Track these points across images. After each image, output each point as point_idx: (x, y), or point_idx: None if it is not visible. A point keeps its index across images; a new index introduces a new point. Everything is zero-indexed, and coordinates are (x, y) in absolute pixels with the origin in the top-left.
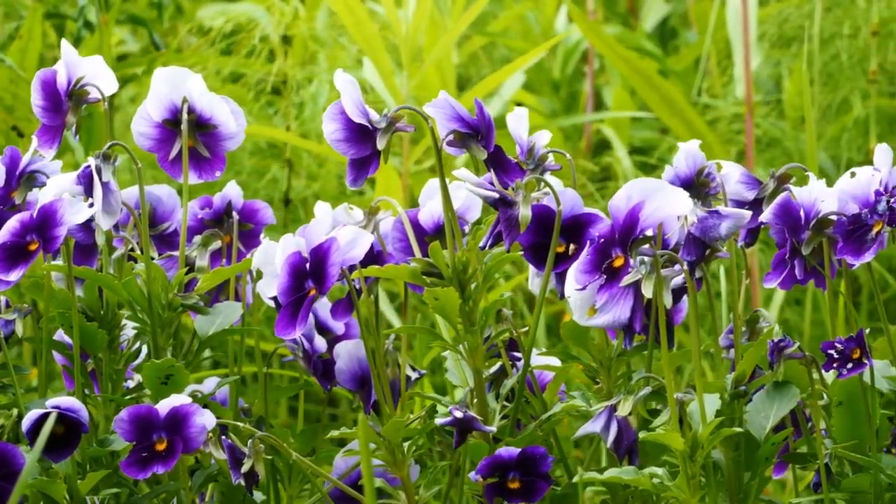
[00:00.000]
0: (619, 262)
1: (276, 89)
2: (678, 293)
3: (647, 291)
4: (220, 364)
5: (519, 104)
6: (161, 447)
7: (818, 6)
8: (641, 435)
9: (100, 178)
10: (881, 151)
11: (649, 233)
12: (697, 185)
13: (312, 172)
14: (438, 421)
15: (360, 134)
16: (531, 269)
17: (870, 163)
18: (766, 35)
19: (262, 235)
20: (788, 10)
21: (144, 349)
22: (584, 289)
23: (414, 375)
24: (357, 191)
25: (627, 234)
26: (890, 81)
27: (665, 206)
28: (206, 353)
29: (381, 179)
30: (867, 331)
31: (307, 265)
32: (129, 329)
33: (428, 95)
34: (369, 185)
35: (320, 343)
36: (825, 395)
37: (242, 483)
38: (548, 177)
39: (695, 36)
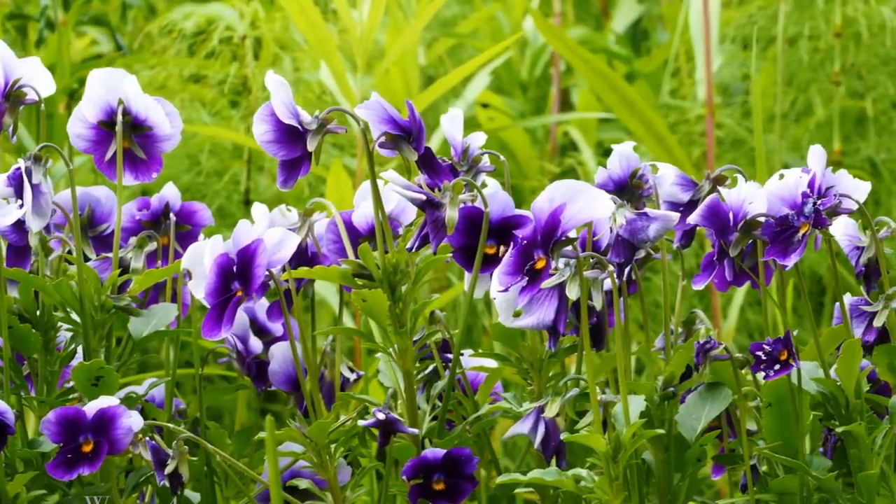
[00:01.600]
0: (540, 264)
1: (237, 90)
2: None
3: (572, 293)
4: (184, 365)
5: (485, 105)
6: (88, 448)
7: (782, 7)
8: (563, 436)
9: (29, 181)
10: (815, 153)
11: (572, 234)
12: (631, 187)
13: (275, 173)
14: (361, 423)
15: (290, 135)
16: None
17: (835, 164)
18: (734, 37)
19: (201, 236)
20: (754, 11)
21: (81, 350)
22: (506, 290)
23: (352, 377)
24: (320, 192)
25: (549, 235)
26: (859, 81)
27: (587, 208)
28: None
29: (332, 180)
30: (794, 332)
31: (234, 267)
32: (66, 331)
33: (391, 97)
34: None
35: (255, 344)
36: (758, 397)
37: (167, 484)
38: (487, 179)
39: (667, 37)
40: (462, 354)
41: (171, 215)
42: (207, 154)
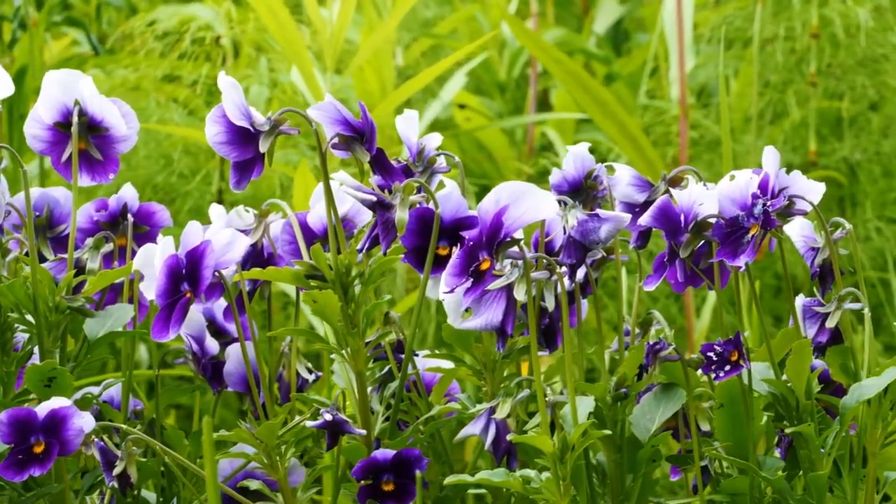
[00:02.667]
0: (485, 266)
1: (211, 90)
2: (571, 296)
3: (520, 295)
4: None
5: (462, 106)
6: (39, 449)
7: (758, 9)
8: (510, 437)
9: None
10: (768, 154)
11: (517, 235)
12: (585, 188)
13: None
14: (309, 423)
15: (242, 137)
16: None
17: (811, 164)
18: (711, 38)
19: (159, 237)
20: (730, 12)
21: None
22: (452, 291)
23: (311, 377)
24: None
25: (493, 237)
26: (836, 82)
27: (532, 209)
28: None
29: (299, 181)
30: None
31: (184, 268)
32: (21, 332)
33: (366, 97)
34: None
35: (211, 345)
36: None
37: (115, 485)
38: (444, 179)
39: (647, 38)
40: (417, 355)
41: (129, 216)
42: (182, 154)
